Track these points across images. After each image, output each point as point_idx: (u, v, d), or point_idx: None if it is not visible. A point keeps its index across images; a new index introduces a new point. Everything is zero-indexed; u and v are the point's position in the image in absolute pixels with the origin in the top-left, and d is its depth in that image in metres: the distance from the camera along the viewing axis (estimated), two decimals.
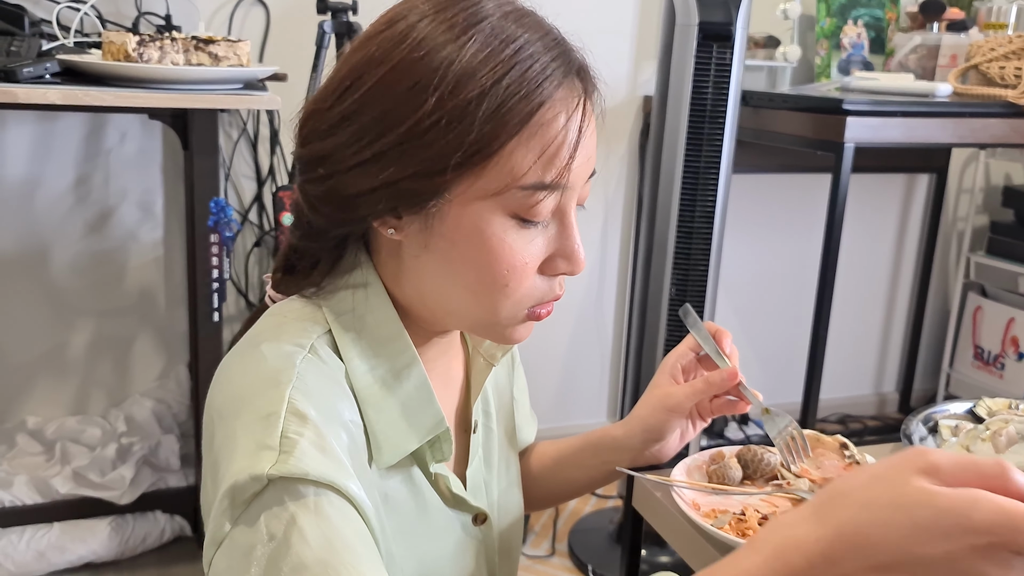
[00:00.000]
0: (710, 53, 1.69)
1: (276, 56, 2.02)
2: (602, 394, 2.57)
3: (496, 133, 0.61)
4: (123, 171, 1.98)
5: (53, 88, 1.37)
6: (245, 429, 0.59)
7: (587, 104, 0.65)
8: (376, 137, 0.62)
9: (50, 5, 1.74)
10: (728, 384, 0.83)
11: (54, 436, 1.96)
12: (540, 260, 0.67)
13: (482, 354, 0.81)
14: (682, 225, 1.78)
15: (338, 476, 0.58)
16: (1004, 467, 0.46)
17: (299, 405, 0.60)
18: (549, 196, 0.64)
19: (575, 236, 0.67)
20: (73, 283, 2.00)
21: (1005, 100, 1.91)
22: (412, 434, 0.68)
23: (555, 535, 2.14)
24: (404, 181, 0.62)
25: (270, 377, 0.62)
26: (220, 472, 0.59)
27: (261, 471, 0.56)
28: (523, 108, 0.61)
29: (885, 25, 2.41)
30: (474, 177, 0.62)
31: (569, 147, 0.63)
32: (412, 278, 0.68)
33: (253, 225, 2.10)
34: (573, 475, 0.93)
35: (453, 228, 0.64)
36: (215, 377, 0.67)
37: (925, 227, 2.79)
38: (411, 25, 0.63)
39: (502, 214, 0.64)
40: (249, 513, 0.57)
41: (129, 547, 1.89)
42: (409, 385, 0.69)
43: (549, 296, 0.69)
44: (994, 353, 2.62)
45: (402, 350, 0.69)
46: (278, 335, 0.66)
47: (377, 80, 0.63)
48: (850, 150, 1.76)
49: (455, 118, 0.60)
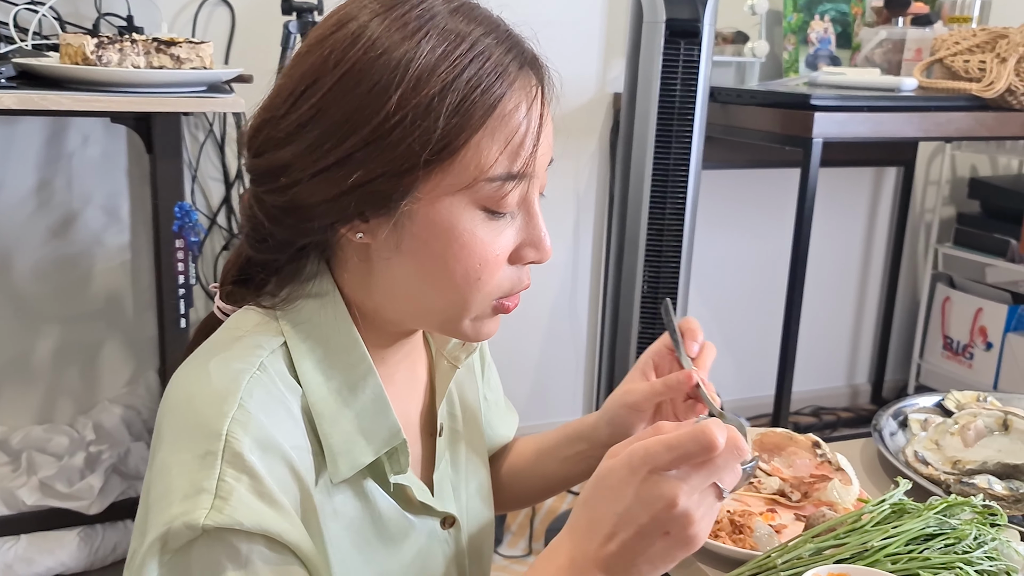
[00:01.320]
0: (678, 50, 1.69)
1: (242, 57, 1.99)
2: (577, 390, 2.57)
3: (462, 127, 0.61)
4: (87, 175, 1.95)
5: (8, 92, 1.34)
6: (181, 467, 0.59)
7: (543, 93, 0.66)
8: (339, 141, 0.61)
9: (7, 7, 1.71)
10: (684, 386, 0.81)
11: (20, 446, 1.92)
12: (510, 251, 0.67)
13: (445, 356, 0.80)
14: (653, 221, 1.79)
15: (273, 524, 0.59)
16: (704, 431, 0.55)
17: (237, 446, 0.59)
18: (516, 186, 0.65)
19: (541, 224, 0.68)
20: (37, 289, 1.96)
21: (970, 93, 1.93)
22: (368, 446, 0.68)
23: (532, 534, 2.14)
24: (372, 183, 0.61)
25: (212, 403, 0.61)
26: (153, 509, 0.59)
27: (196, 521, 0.57)
28: (486, 101, 0.62)
29: (851, 20, 2.43)
30: (443, 173, 0.62)
31: (532, 136, 0.64)
32: (383, 281, 0.67)
33: (221, 228, 2.07)
34: (553, 468, 0.92)
35: (424, 226, 0.64)
36: (166, 389, 0.66)
37: (893, 220, 2.81)
38: (363, 25, 0.62)
39: (472, 208, 0.64)
40: (178, 559, 0.58)
41: (99, 557, 1.86)
42: (364, 397, 0.68)
43: (518, 287, 0.69)
44: (963, 343, 2.66)
45: (358, 361, 0.68)
46: (228, 351, 0.65)
47: (335, 83, 0.61)
48: (818, 145, 1.77)
49: (420, 115, 0.60)
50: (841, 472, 0.86)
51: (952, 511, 0.72)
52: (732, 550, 0.75)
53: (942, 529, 0.69)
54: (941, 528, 0.69)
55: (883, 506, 0.72)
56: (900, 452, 0.95)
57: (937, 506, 0.71)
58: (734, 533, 0.78)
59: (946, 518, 0.70)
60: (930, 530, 0.69)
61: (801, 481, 0.86)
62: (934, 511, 0.71)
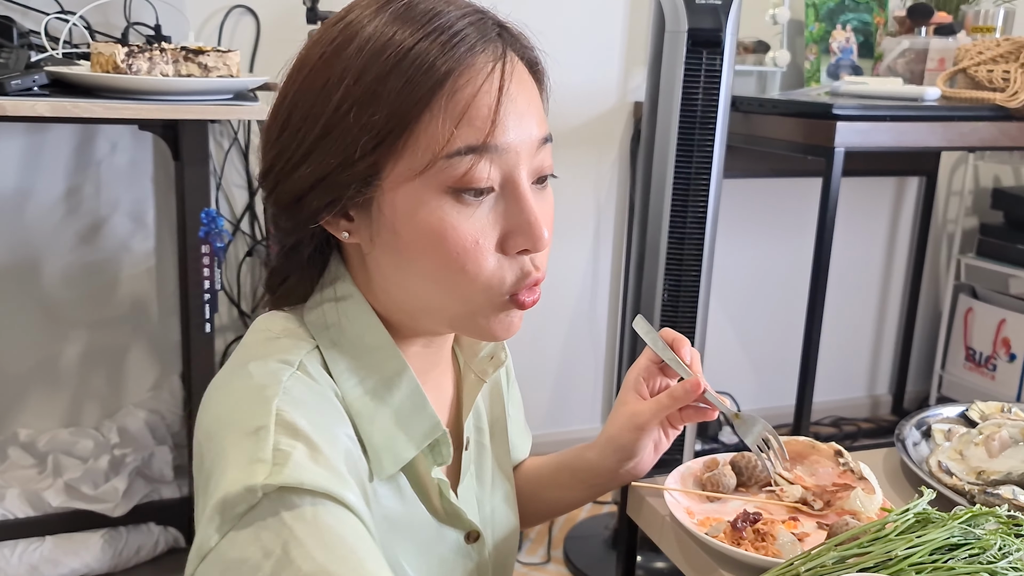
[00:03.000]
0: (700, 59, 1.69)
1: (266, 66, 2.02)
2: (596, 400, 2.57)
3: (405, 108, 0.61)
4: (114, 182, 1.98)
5: (41, 100, 1.37)
6: (235, 445, 0.58)
7: (507, 63, 0.64)
8: (304, 137, 0.64)
9: (39, 16, 1.74)
10: (693, 395, 0.82)
11: (46, 448, 1.95)
12: (495, 238, 0.65)
13: (473, 370, 0.80)
14: (674, 230, 1.79)
15: (334, 485, 0.57)
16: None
17: (288, 416, 0.59)
18: (479, 162, 0.62)
19: (529, 207, 0.65)
20: (65, 294, 1.99)
21: (993, 103, 1.92)
22: (409, 442, 0.68)
23: (550, 542, 2.14)
24: (332, 174, 0.63)
25: (255, 393, 0.61)
26: (210, 488, 0.58)
27: (255, 483, 0.55)
28: (430, 78, 0.61)
29: (873, 29, 2.42)
30: (397, 157, 0.62)
31: (490, 107, 0.62)
32: (378, 279, 0.68)
33: (245, 235, 2.10)
34: (557, 495, 0.92)
35: (392, 216, 0.64)
36: (203, 398, 0.67)
37: (915, 230, 2.80)
38: (325, 30, 0.66)
39: (436, 192, 0.63)
40: (241, 527, 0.55)
41: (123, 559, 1.88)
42: (400, 393, 0.68)
43: (524, 279, 0.66)
44: (986, 354, 2.63)
45: (389, 358, 0.69)
46: (265, 353, 0.66)
47: (299, 86, 0.65)
48: (840, 154, 1.77)
49: (365, 102, 0.61)
50: (864, 481, 0.86)
51: (977, 521, 0.72)
52: (755, 557, 0.75)
53: (967, 539, 0.69)
54: (966, 538, 0.69)
55: (907, 515, 0.72)
56: (924, 462, 0.95)
57: (962, 516, 0.71)
58: (757, 541, 0.78)
59: (971, 528, 0.70)
60: (954, 540, 0.69)
61: (824, 490, 0.86)
62: (959, 521, 0.71)
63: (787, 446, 0.92)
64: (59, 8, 1.77)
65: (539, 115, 0.67)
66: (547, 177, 0.68)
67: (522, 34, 0.68)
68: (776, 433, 0.87)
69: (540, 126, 0.67)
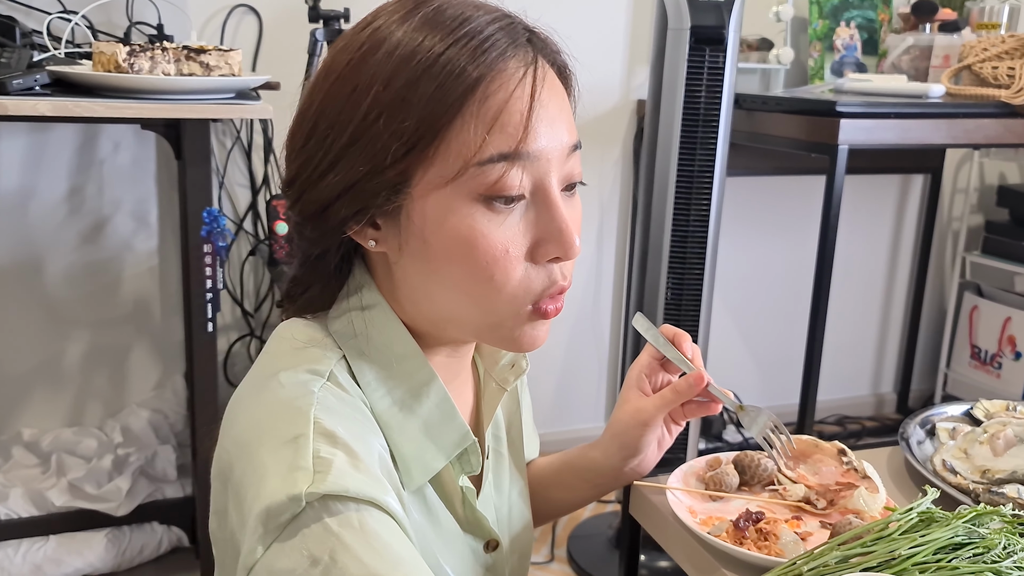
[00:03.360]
0: (703, 57, 1.69)
1: (269, 65, 2.02)
2: (600, 399, 2.56)
3: (437, 114, 0.60)
4: (117, 181, 1.98)
5: (43, 100, 1.37)
6: (273, 454, 0.57)
7: (538, 69, 0.63)
8: (331, 145, 0.63)
9: (41, 16, 1.74)
10: (696, 389, 0.82)
11: (50, 448, 1.95)
12: (525, 247, 0.64)
13: (494, 378, 0.79)
14: (677, 228, 1.78)
15: (377, 492, 0.57)
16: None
17: (326, 424, 0.59)
18: (511, 169, 0.61)
19: (561, 215, 0.64)
20: (68, 294, 1.99)
21: (998, 100, 1.91)
22: (439, 452, 0.67)
23: (554, 541, 2.13)
24: (361, 182, 0.62)
25: (289, 403, 0.61)
26: (247, 499, 0.56)
27: (298, 491, 0.54)
28: (461, 84, 0.60)
29: (878, 26, 2.41)
30: (427, 164, 0.61)
31: (522, 114, 0.61)
32: (404, 289, 0.67)
33: (248, 234, 2.10)
34: (561, 495, 0.92)
35: (421, 224, 0.63)
36: (229, 407, 0.66)
37: (920, 227, 2.79)
38: (354, 35, 0.65)
39: (467, 200, 0.62)
40: (286, 536, 0.54)
41: (126, 559, 1.88)
42: (429, 403, 0.68)
43: (550, 288, 0.66)
44: (991, 352, 2.62)
45: (418, 368, 0.68)
46: (294, 363, 0.65)
47: (327, 92, 0.64)
48: (844, 152, 1.76)
49: (394, 108, 0.60)
50: (867, 480, 0.86)
51: (981, 520, 0.71)
52: (757, 557, 0.75)
53: (971, 538, 0.69)
54: (970, 537, 0.69)
55: (911, 514, 0.71)
56: (928, 461, 0.94)
57: (966, 515, 0.71)
58: (759, 540, 0.78)
59: (975, 527, 0.70)
60: (959, 539, 0.68)
61: (827, 488, 0.86)
62: (963, 520, 0.70)
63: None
64: (61, 8, 1.77)
65: (569, 121, 0.66)
66: (576, 184, 0.68)
67: (550, 39, 0.67)
68: (781, 423, 0.87)
69: (570, 132, 0.66)
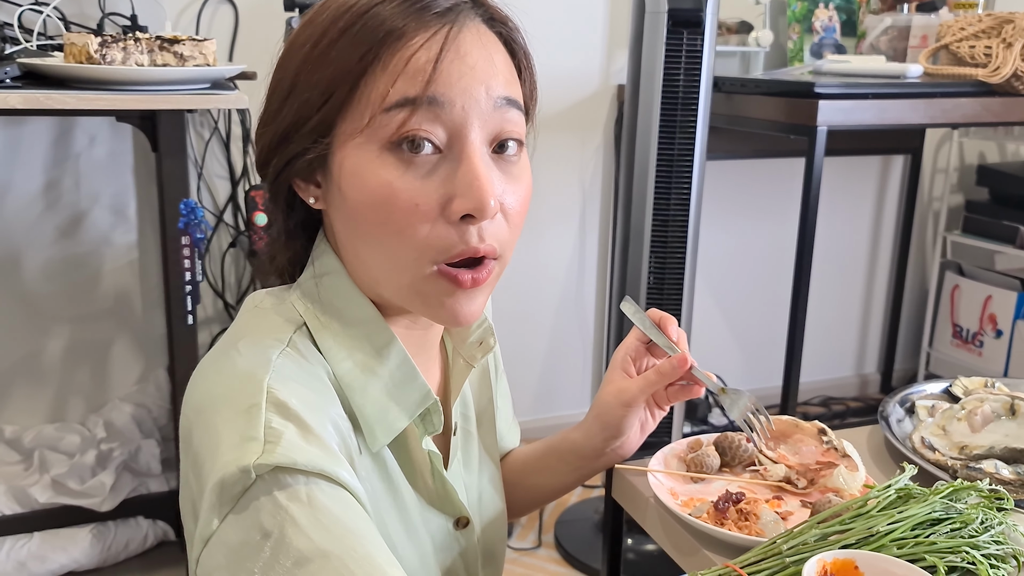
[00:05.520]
0: (680, 40, 1.69)
1: (246, 54, 2.00)
2: (584, 384, 2.57)
3: (350, 64, 0.62)
4: (94, 174, 1.96)
5: (13, 92, 1.35)
6: (226, 423, 0.58)
7: (459, 20, 0.63)
8: (271, 103, 0.68)
9: (12, 8, 1.71)
10: (680, 371, 0.82)
11: (32, 444, 1.94)
12: (437, 201, 0.62)
13: (462, 355, 0.80)
14: (658, 213, 1.78)
15: (327, 463, 0.57)
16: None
17: (279, 395, 0.59)
18: (415, 113, 0.61)
19: (475, 167, 0.61)
20: (47, 289, 1.98)
21: (976, 79, 1.92)
22: (401, 412, 0.68)
23: (541, 527, 2.14)
24: (290, 132, 0.65)
25: (246, 371, 0.61)
26: (204, 469, 0.58)
27: (248, 463, 0.55)
28: (377, 35, 0.62)
29: (856, 8, 2.41)
30: (344, 114, 0.63)
31: (429, 60, 0.61)
32: (342, 250, 0.69)
33: (228, 226, 2.08)
34: (544, 481, 0.92)
35: (339, 176, 0.64)
36: (192, 376, 0.66)
37: (901, 208, 2.80)
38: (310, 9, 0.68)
39: (377, 150, 0.62)
40: (239, 508, 0.55)
41: (111, 554, 1.88)
42: (390, 364, 0.68)
43: (461, 248, 0.63)
44: (972, 331, 2.64)
45: (377, 331, 0.68)
46: (254, 331, 0.66)
47: (278, 63, 0.68)
48: (823, 133, 1.76)
49: (318, 60, 0.63)
50: (847, 459, 0.86)
51: (958, 496, 0.72)
52: (738, 536, 0.75)
53: (948, 514, 0.69)
54: (947, 513, 0.69)
55: (889, 491, 0.72)
56: (907, 438, 0.95)
57: (943, 491, 0.71)
58: (740, 520, 0.78)
59: (952, 503, 0.70)
60: (936, 515, 0.69)
61: (807, 468, 0.86)
62: (940, 496, 0.71)
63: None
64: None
65: (500, 76, 0.64)
66: (514, 145, 0.65)
67: (496, 6, 0.67)
68: (762, 406, 0.87)
69: (498, 86, 0.64)
